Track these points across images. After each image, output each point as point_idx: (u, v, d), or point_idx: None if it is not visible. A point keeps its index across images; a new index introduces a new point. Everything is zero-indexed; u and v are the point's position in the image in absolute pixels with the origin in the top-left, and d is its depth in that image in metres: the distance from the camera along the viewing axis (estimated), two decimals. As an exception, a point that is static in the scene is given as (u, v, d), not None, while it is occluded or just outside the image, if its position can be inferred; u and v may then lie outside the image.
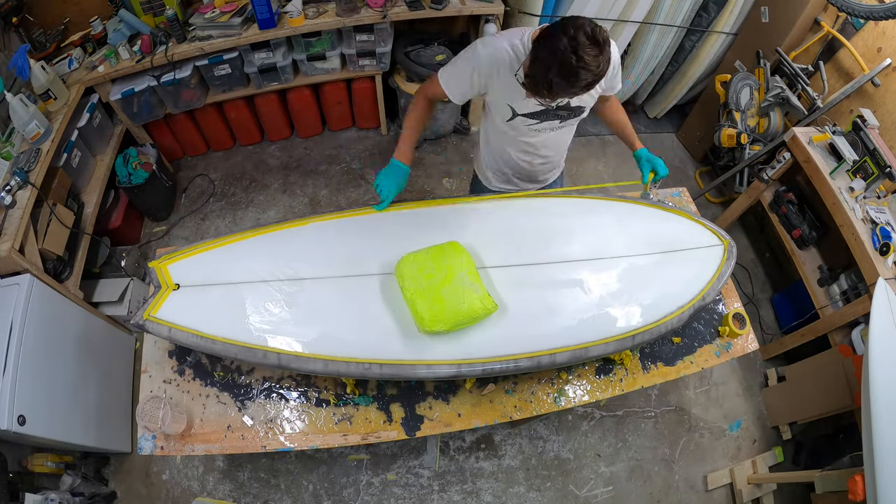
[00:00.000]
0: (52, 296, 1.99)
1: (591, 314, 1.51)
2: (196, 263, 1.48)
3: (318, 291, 1.47)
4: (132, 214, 2.84)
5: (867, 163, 2.17)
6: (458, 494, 2.21)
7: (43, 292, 1.93)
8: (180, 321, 1.38)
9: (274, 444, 1.47)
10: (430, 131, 3.29)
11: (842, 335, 2.21)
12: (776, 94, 2.65)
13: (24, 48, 2.18)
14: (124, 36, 2.53)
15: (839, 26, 2.56)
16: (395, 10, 2.62)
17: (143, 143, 2.86)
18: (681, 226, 1.75)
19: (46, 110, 2.26)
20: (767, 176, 2.58)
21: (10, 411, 1.63)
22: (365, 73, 2.95)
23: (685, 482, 2.34)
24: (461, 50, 1.49)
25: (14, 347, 1.73)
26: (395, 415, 1.54)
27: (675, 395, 2.54)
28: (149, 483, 2.18)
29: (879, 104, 2.40)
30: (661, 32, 2.93)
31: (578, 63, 1.11)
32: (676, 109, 3.67)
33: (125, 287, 2.42)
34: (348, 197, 3.11)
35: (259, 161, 3.26)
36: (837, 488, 1.83)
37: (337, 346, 1.38)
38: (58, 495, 1.86)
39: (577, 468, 2.32)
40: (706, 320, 1.82)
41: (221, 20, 2.51)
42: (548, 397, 1.61)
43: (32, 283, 1.88)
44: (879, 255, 2.02)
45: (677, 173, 3.45)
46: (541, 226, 1.67)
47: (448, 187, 3.20)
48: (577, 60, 1.11)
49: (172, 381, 1.55)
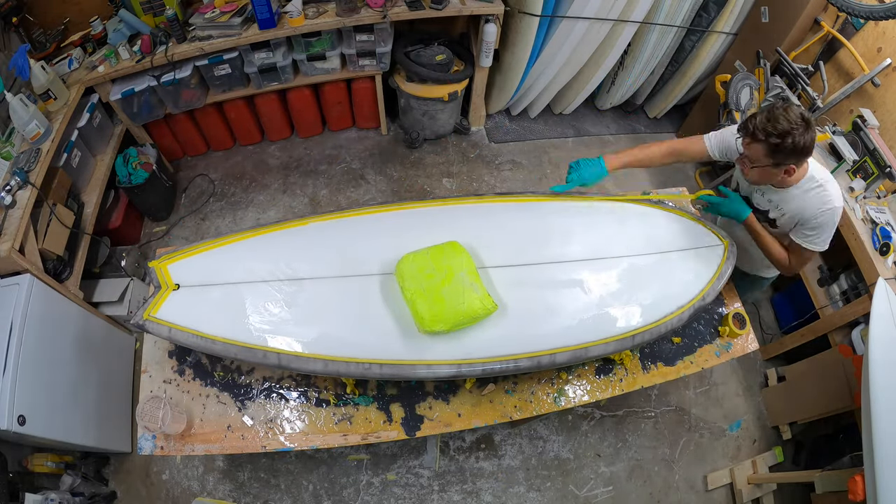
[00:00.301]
0: (52, 296, 1.99)
1: (592, 314, 1.51)
2: (196, 263, 1.48)
3: (318, 291, 1.47)
4: (132, 214, 2.84)
5: (867, 163, 2.18)
6: (458, 494, 2.21)
7: (43, 292, 1.93)
8: (180, 321, 1.38)
9: (274, 444, 1.47)
10: (429, 131, 3.29)
11: (842, 335, 2.21)
12: (776, 94, 2.65)
13: (24, 48, 2.18)
14: (124, 36, 2.53)
15: (839, 26, 2.56)
16: (395, 10, 2.62)
17: (143, 143, 2.86)
18: (681, 226, 1.75)
19: (46, 110, 2.26)
20: (767, 176, 2.57)
21: (10, 411, 1.63)
22: (365, 73, 2.95)
23: (685, 482, 2.34)
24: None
25: (14, 347, 1.73)
26: (395, 415, 1.54)
27: (675, 395, 2.54)
28: (149, 483, 2.18)
29: (879, 104, 2.40)
30: (661, 32, 2.93)
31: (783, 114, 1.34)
32: (676, 109, 3.67)
33: (125, 287, 2.42)
34: (348, 197, 3.11)
35: (259, 161, 3.26)
36: (837, 488, 1.83)
37: (337, 347, 1.38)
38: (58, 495, 1.86)
39: (577, 468, 2.32)
40: (706, 320, 1.82)
41: (221, 20, 2.51)
42: (548, 397, 1.61)
43: (32, 283, 1.88)
44: (879, 255, 2.02)
45: (677, 173, 3.45)
46: (541, 226, 1.67)
47: (448, 187, 3.21)
48: (784, 112, 1.34)
49: (172, 381, 1.55)
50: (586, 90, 3.28)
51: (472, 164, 3.32)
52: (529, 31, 2.72)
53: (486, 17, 2.70)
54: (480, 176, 3.27)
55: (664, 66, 3.27)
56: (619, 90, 3.37)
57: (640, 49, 3.02)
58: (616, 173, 3.33)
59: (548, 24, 2.75)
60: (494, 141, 3.45)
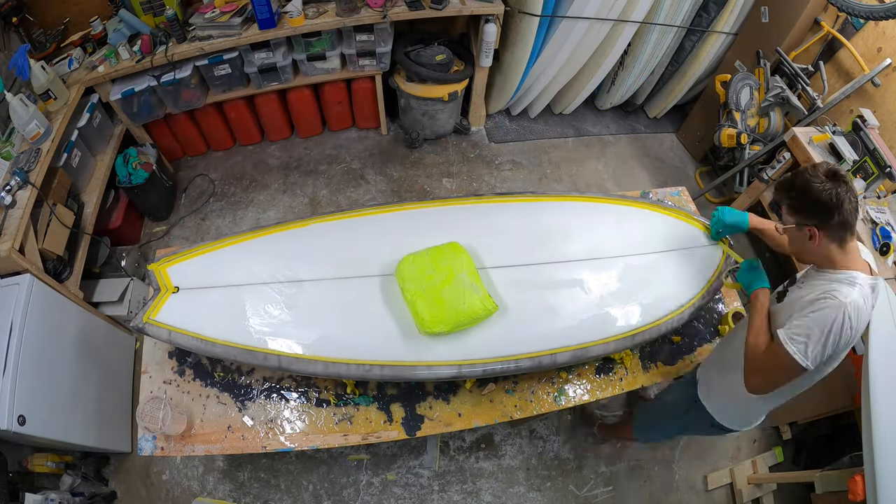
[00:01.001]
0: (52, 296, 1.99)
1: (592, 314, 1.51)
2: (195, 266, 1.49)
3: (318, 293, 1.47)
4: (132, 214, 2.84)
5: (867, 163, 2.18)
6: (458, 494, 2.21)
7: (43, 292, 1.93)
8: (180, 324, 1.38)
9: (274, 444, 1.47)
10: (429, 131, 3.29)
11: (842, 335, 2.21)
12: (776, 94, 2.65)
13: (24, 48, 2.18)
14: (124, 36, 2.53)
15: (839, 26, 2.56)
16: (395, 10, 2.62)
17: (143, 143, 2.86)
18: (680, 226, 1.75)
19: (46, 110, 2.26)
20: (767, 176, 2.58)
21: (10, 411, 1.63)
22: (365, 73, 2.95)
23: (685, 482, 2.34)
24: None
25: (14, 347, 1.73)
26: (396, 415, 1.54)
27: (675, 395, 2.54)
28: (149, 483, 2.18)
29: (879, 104, 2.40)
30: (661, 32, 2.93)
31: None
32: (676, 109, 3.67)
33: (125, 287, 2.42)
34: (348, 197, 3.11)
35: (259, 161, 3.26)
36: (837, 488, 1.83)
37: (337, 348, 1.38)
38: (58, 495, 1.86)
39: (577, 468, 2.32)
40: (706, 319, 1.82)
41: (221, 20, 2.51)
42: (548, 396, 1.61)
43: (32, 283, 1.88)
44: (879, 254, 2.02)
45: (677, 173, 3.45)
46: (541, 226, 1.67)
47: (448, 187, 3.20)
48: None
49: (172, 381, 1.55)
50: (586, 90, 3.28)
51: (472, 164, 3.32)
52: (529, 31, 2.72)
53: (486, 17, 2.70)
54: (480, 176, 3.27)
55: (664, 66, 3.27)
56: (619, 90, 3.37)
57: (640, 49, 3.02)
58: (616, 173, 3.33)
59: (548, 24, 2.75)
60: (494, 141, 3.45)
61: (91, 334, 2.14)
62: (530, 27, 2.70)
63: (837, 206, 1.11)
